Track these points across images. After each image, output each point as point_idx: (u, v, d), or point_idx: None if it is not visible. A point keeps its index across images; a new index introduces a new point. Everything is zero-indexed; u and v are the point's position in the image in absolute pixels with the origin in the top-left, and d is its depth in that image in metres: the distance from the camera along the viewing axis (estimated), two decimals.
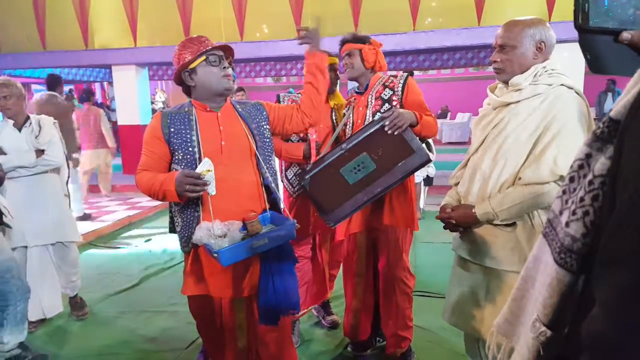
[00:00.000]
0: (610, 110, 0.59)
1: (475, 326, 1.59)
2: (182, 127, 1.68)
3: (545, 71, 1.46)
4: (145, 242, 4.57)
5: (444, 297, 1.77)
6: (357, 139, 1.94)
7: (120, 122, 7.67)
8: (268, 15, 6.91)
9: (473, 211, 1.51)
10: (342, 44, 2.18)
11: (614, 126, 0.57)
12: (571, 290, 0.64)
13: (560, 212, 0.65)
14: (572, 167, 0.64)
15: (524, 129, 1.44)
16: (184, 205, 1.70)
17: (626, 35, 0.59)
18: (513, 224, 1.48)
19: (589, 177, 0.59)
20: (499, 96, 1.56)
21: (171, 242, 4.24)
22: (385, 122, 1.87)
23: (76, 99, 14.88)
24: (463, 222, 1.55)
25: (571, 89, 1.43)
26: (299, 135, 2.36)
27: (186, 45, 1.69)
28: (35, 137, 2.62)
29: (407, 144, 1.88)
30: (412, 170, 1.90)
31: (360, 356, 2.39)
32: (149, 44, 7.12)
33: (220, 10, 6.81)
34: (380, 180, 1.90)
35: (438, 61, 8.53)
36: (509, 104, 1.51)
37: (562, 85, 1.43)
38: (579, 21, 0.60)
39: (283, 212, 1.81)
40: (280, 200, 1.85)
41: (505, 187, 1.48)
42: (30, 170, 2.59)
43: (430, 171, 4.75)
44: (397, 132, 1.86)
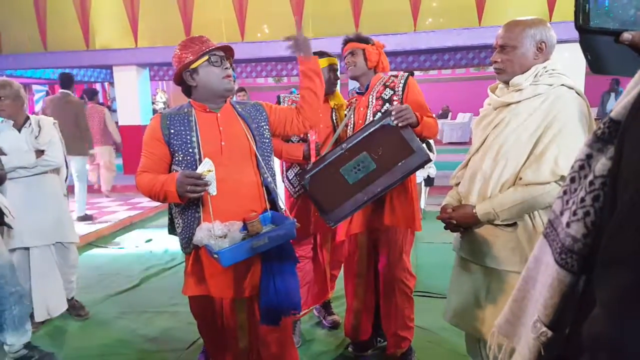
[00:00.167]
0: (611, 111, 0.59)
1: (476, 326, 1.59)
2: (182, 128, 1.68)
3: (546, 71, 1.46)
4: (146, 242, 4.58)
5: (445, 298, 1.77)
6: (357, 139, 1.94)
7: (121, 123, 7.67)
8: (269, 16, 6.92)
9: (474, 211, 1.51)
10: (345, 42, 2.18)
11: (615, 127, 0.57)
12: (572, 290, 0.64)
13: (561, 213, 0.65)
14: (573, 167, 0.64)
15: (525, 129, 1.44)
16: (185, 207, 1.69)
17: (627, 35, 0.59)
18: (514, 224, 1.48)
19: (590, 177, 0.59)
20: (499, 96, 1.56)
21: (172, 243, 4.25)
22: (392, 112, 1.86)
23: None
24: (464, 222, 1.55)
25: (572, 89, 1.43)
26: (299, 136, 2.36)
27: (187, 45, 1.68)
28: (35, 137, 2.61)
29: (407, 144, 1.87)
30: (413, 170, 1.90)
31: (361, 356, 2.39)
32: (150, 44, 7.13)
33: (221, 10, 6.82)
34: (381, 180, 1.89)
35: (439, 61, 8.53)
36: (509, 104, 1.51)
37: (562, 85, 1.43)
38: (580, 22, 0.60)
39: (284, 213, 1.81)
40: (282, 200, 1.85)
41: (506, 187, 1.48)
42: (30, 170, 2.58)
43: (431, 171, 4.75)
44: (402, 124, 1.85)
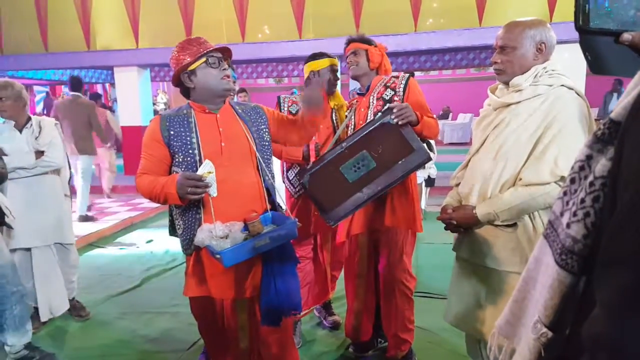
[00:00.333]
0: (611, 111, 0.59)
1: (476, 327, 1.59)
2: (182, 130, 1.68)
3: (546, 72, 1.46)
4: (146, 243, 4.58)
5: (446, 298, 1.77)
6: (357, 137, 1.93)
7: (122, 124, 7.68)
8: (269, 17, 6.92)
9: (474, 212, 1.51)
10: (348, 42, 2.19)
11: (615, 128, 0.57)
12: (572, 291, 0.63)
13: (561, 214, 0.65)
14: (573, 168, 0.64)
15: (525, 130, 1.44)
16: (185, 208, 1.69)
17: (627, 36, 0.59)
18: (514, 225, 1.48)
19: (590, 178, 0.59)
20: (499, 97, 1.56)
21: (173, 243, 4.25)
22: (393, 110, 1.87)
23: None
24: (464, 222, 1.55)
25: (571, 89, 1.43)
26: None
27: (185, 47, 1.68)
28: (35, 138, 2.62)
29: (407, 142, 1.86)
30: (413, 169, 1.89)
31: (361, 357, 2.39)
32: (151, 45, 7.13)
33: (221, 11, 6.82)
34: (381, 179, 1.89)
35: (439, 62, 8.53)
36: (509, 105, 1.51)
37: (562, 85, 1.43)
38: (580, 22, 0.60)
39: (285, 213, 1.81)
40: (282, 200, 1.85)
41: (506, 187, 1.48)
42: (30, 171, 2.58)
43: (431, 172, 4.75)
44: (401, 122, 1.86)
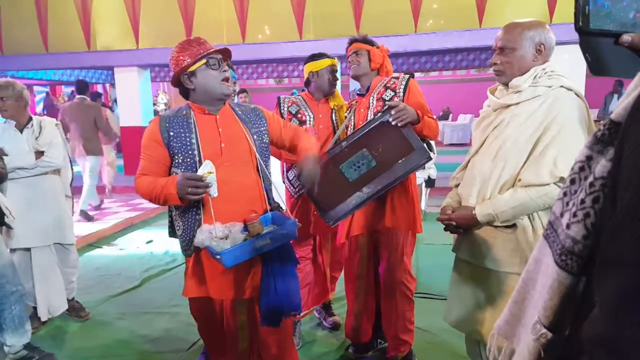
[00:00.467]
0: (612, 112, 0.59)
1: (476, 328, 1.59)
2: (182, 131, 1.68)
3: (545, 73, 1.46)
4: (146, 243, 4.58)
5: (446, 299, 1.77)
6: (357, 135, 1.93)
7: (122, 124, 7.69)
8: (270, 17, 6.93)
9: (473, 213, 1.51)
10: (351, 42, 2.19)
11: (615, 128, 0.57)
12: (572, 292, 0.63)
13: (561, 214, 0.65)
14: (572, 169, 0.64)
15: (524, 131, 1.44)
16: (185, 209, 1.69)
17: (627, 37, 0.59)
18: (513, 226, 1.48)
19: (590, 179, 0.59)
20: (499, 98, 1.56)
21: (173, 244, 4.22)
22: (391, 111, 1.86)
23: None
24: (463, 223, 1.55)
25: (570, 90, 1.43)
26: None
27: (185, 47, 1.67)
28: (36, 138, 2.62)
29: (407, 142, 1.86)
30: (413, 168, 1.88)
31: (361, 358, 2.38)
32: (151, 45, 7.14)
33: (222, 12, 6.83)
34: (381, 178, 1.88)
35: (440, 63, 8.54)
36: (508, 106, 1.51)
37: (561, 87, 1.43)
38: (580, 24, 0.60)
39: (285, 213, 1.81)
40: (283, 201, 1.85)
41: (505, 188, 1.48)
42: (30, 171, 2.59)
43: (431, 172, 4.74)
44: (399, 124, 1.85)
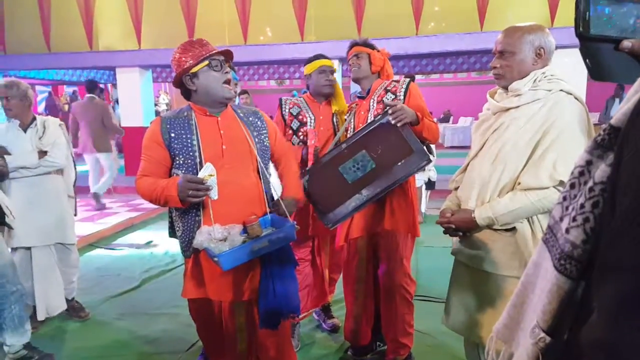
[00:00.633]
0: (612, 117, 0.59)
1: (475, 331, 1.59)
2: (183, 132, 1.68)
3: (545, 77, 1.46)
4: (146, 244, 4.58)
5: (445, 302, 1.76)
6: (356, 137, 1.93)
7: (123, 124, 7.68)
8: (272, 19, 6.94)
9: (472, 216, 1.50)
10: (351, 46, 2.21)
11: (615, 134, 0.57)
12: (571, 296, 0.63)
13: (561, 219, 0.65)
14: (572, 173, 0.64)
15: (523, 134, 1.44)
16: (185, 210, 1.69)
17: (627, 43, 0.60)
18: (513, 229, 1.48)
19: (590, 184, 0.59)
20: (498, 101, 1.56)
21: (172, 244, 4.24)
22: (389, 110, 1.87)
23: (80, 99, 14.98)
24: (463, 226, 1.54)
25: (570, 94, 1.43)
26: (299, 138, 2.38)
27: (187, 48, 1.67)
28: (39, 138, 2.63)
29: (406, 144, 1.85)
30: (412, 171, 1.88)
31: None
32: (153, 46, 7.15)
33: (224, 13, 6.84)
34: (380, 180, 1.87)
35: (441, 65, 8.53)
36: (508, 109, 1.51)
37: (561, 90, 1.43)
38: (580, 29, 0.61)
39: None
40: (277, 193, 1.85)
41: (504, 191, 1.47)
42: (33, 171, 2.60)
43: (431, 175, 4.74)
44: (398, 124, 1.85)
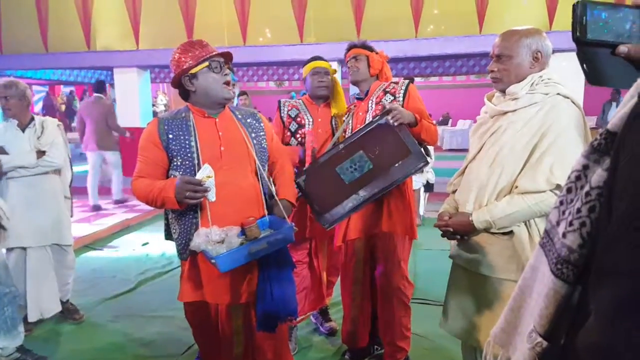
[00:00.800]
0: (608, 121, 0.59)
1: (472, 335, 1.59)
2: (181, 133, 1.67)
3: (542, 80, 1.46)
4: (142, 245, 4.56)
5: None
6: (354, 137, 1.93)
7: (120, 124, 7.67)
8: (271, 20, 6.95)
9: (470, 219, 1.51)
10: (350, 48, 2.21)
11: (611, 138, 0.57)
12: (568, 301, 0.63)
13: (558, 223, 0.65)
14: (569, 178, 0.64)
15: (521, 138, 1.44)
16: (182, 212, 1.68)
17: (623, 48, 0.60)
18: (510, 232, 1.48)
19: (586, 188, 0.59)
20: (496, 105, 1.57)
21: (169, 246, 4.22)
22: (386, 107, 1.88)
23: (77, 100, 14.93)
24: (460, 230, 1.55)
25: (567, 98, 1.44)
26: (297, 140, 2.38)
27: (187, 49, 1.66)
28: (37, 138, 2.64)
29: (404, 145, 1.85)
30: (410, 172, 1.88)
31: None
32: (152, 46, 7.14)
33: (223, 14, 6.84)
34: (377, 181, 1.87)
35: (440, 68, 8.56)
36: (505, 113, 1.51)
37: (558, 94, 1.44)
38: (577, 34, 0.61)
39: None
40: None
41: (502, 195, 1.48)
42: (30, 170, 2.60)
43: (430, 177, 4.74)
44: (395, 123, 1.86)
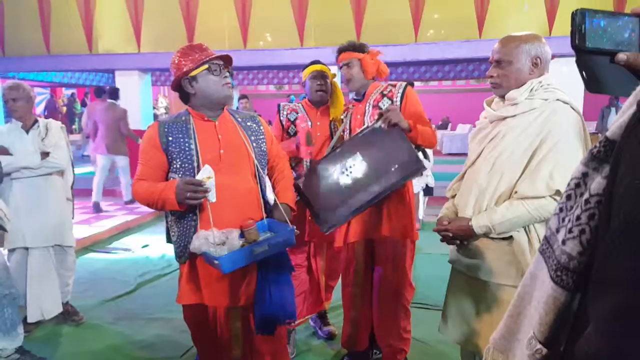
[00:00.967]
0: (608, 128, 0.59)
1: (471, 340, 1.58)
2: (180, 136, 1.68)
3: (541, 86, 1.46)
4: (142, 247, 4.56)
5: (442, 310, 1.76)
6: (350, 142, 1.94)
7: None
8: (271, 25, 6.98)
9: (470, 224, 1.50)
10: (340, 52, 2.10)
11: (611, 146, 0.57)
12: (567, 308, 0.63)
13: (557, 230, 0.65)
14: (569, 185, 0.64)
15: (520, 143, 1.44)
16: (181, 214, 1.69)
17: (622, 56, 0.60)
18: (509, 238, 1.48)
19: (586, 195, 0.59)
20: (495, 110, 1.57)
21: (168, 248, 4.22)
22: (382, 111, 1.89)
23: (79, 102, 14.91)
24: (460, 234, 1.54)
25: (567, 103, 1.44)
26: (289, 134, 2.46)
27: (187, 52, 1.68)
28: (42, 139, 2.68)
29: (400, 150, 1.86)
30: (406, 177, 1.87)
31: None
32: (153, 50, 7.17)
33: (224, 18, 6.87)
34: (374, 186, 1.87)
35: (439, 73, 8.58)
36: (505, 118, 1.51)
37: (557, 100, 1.44)
38: (576, 42, 0.61)
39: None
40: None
41: (501, 200, 1.48)
42: (34, 171, 2.64)
43: (429, 181, 4.73)
44: (387, 125, 1.86)
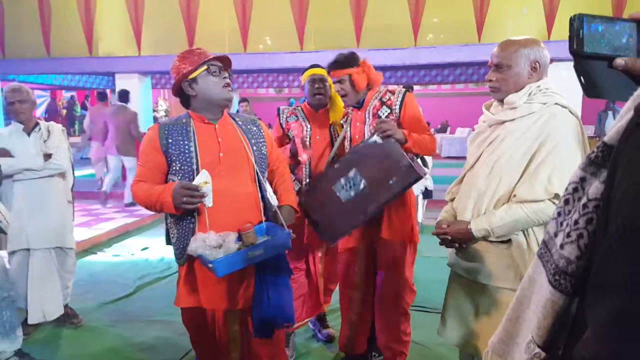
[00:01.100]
0: (605, 131, 0.59)
1: (470, 343, 1.58)
2: (180, 139, 1.69)
3: (540, 90, 1.47)
4: (142, 250, 4.55)
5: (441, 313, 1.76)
6: (347, 157, 1.99)
7: None
8: (271, 28, 6.99)
9: (468, 227, 1.51)
10: (328, 71, 2.08)
11: (608, 151, 0.58)
12: (566, 312, 0.64)
13: (555, 234, 0.65)
14: (567, 189, 0.64)
15: (519, 147, 1.45)
16: (180, 217, 1.70)
17: (620, 61, 0.60)
18: (508, 241, 1.48)
19: (583, 200, 0.59)
20: (494, 114, 1.58)
21: (168, 251, 4.21)
22: (376, 124, 1.91)
23: (78, 105, 14.91)
24: (459, 237, 1.55)
25: (565, 107, 1.44)
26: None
27: (186, 56, 1.71)
28: (44, 141, 2.70)
29: (396, 162, 1.88)
30: (404, 188, 1.90)
31: None
32: (153, 53, 7.18)
33: (224, 21, 6.89)
34: (373, 198, 1.90)
35: (438, 76, 8.59)
36: (503, 122, 1.52)
37: (556, 104, 1.45)
38: (574, 47, 0.62)
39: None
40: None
41: (500, 204, 1.48)
42: (37, 173, 2.66)
43: (428, 184, 4.74)
44: (382, 135, 1.88)
